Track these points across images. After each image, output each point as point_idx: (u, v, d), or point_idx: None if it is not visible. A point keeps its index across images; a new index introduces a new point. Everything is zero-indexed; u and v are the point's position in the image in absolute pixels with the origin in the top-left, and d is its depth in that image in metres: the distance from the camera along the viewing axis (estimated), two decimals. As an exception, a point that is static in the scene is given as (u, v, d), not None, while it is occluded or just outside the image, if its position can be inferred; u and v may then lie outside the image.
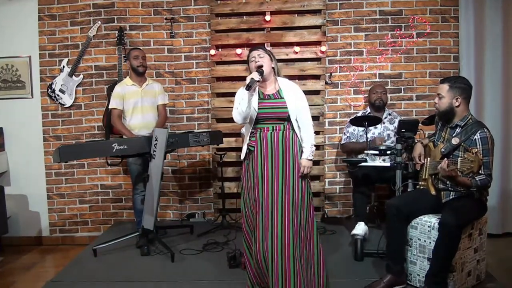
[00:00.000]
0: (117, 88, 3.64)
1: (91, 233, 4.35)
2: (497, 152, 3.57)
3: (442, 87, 2.69)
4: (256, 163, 2.61)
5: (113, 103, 3.61)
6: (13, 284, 3.37)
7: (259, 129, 2.63)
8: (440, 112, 2.72)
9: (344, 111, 4.20)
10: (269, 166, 2.57)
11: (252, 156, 2.63)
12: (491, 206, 3.53)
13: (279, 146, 2.59)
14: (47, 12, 4.20)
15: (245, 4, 4.11)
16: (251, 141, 2.63)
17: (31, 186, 4.33)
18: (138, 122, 3.63)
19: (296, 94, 2.67)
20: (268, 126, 2.62)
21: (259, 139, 2.61)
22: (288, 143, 2.61)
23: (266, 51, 2.70)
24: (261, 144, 2.60)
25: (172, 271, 3.11)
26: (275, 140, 2.60)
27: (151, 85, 3.73)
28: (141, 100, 3.64)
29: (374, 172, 3.46)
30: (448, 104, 2.66)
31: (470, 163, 2.37)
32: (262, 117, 2.61)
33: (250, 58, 2.69)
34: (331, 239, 3.66)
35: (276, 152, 2.59)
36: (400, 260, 2.76)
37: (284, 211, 2.50)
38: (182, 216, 4.35)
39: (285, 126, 2.63)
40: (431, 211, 2.76)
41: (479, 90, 3.93)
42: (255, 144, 2.62)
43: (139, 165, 3.64)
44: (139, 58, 3.62)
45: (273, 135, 2.60)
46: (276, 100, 2.63)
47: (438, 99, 2.71)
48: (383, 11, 4.09)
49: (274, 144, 2.59)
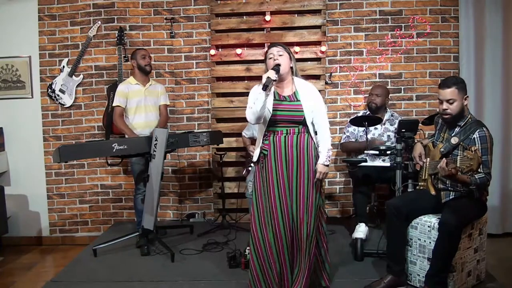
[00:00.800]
0: (121, 86, 3.65)
1: (91, 233, 4.35)
2: (497, 152, 3.58)
3: (450, 92, 2.59)
4: (270, 168, 2.53)
5: (116, 101, 3.62)
6: (13, 284, 3.37)
7: (273, 132, 2.54)
8: (453, 116, 2.62)
9: (344, 111, 4.20)
10: (284, 172, 2.51)
11: (266, 160, 2.55)
12: (491, 206, 3.52)
13: (293, 151, 2.51)
14: (47, 12, 4.20)
15: (245, 4, 4.11)
16: (265, 144, 2.55)
17: (31, 186, 4.33)
18: (141, 121, 3.64)
19: (313, 97, 2.58)
20: (282, 129, 2.52)
21: (273, 143, 2.53)
22: (302, 147, 2.53)
23: (286, 49, 2.58)
24: (275, 148, 2.52)
25: (172, 271, 3.11)
26: (289, 144, 2.51)
27: (154, 86, 3.75)
28: (145, 99, 3.65)
29: (374, 172, 3.46)
30: (460, 106, 2.60)
31: (469, 160, 2.36)
32: (276, 119, 2.52)
33: (268, 55, 2.57)
34: (331, 239, 3.64)
35: (291, 157, 2.51)
36: (400, 260, 2.76)
37: (299, 218, 2.50)
38: (182, 216, 4.35)
39: (299, 130, 2.54)
40: (431, 211, 2.76)
41: (479, 90, 3.93)
42: (268, 147, 2.53)
43: (142, 165, 3.63)
44: (147, 58, 3.66)
45: (287, 139, 2.52)
46: (292, 103, 2.54)
47: (448, 104, 2.60)
48: (383, 11, 4.09)
49: (288, 149, 2.51)
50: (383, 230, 3.14)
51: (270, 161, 2.53)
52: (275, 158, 2.53)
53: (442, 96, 2.62)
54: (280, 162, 2.52)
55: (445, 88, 2.60)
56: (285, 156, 2.52)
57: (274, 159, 2.53)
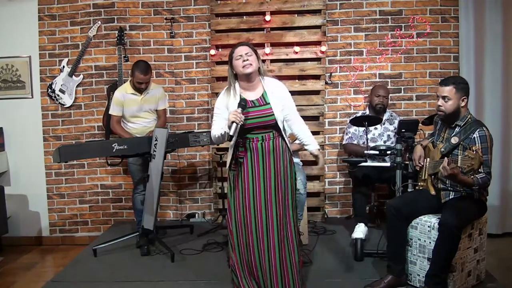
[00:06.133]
0: (117, 94, 3.58)
1: (91, 233, 4.35)
2: (497, 152, 3.59)
3: (447, 89, 2.61)
4: (247, 175, 2.48)
5: (112, 110, 3.60)
6: (13, 284, 3.37)
7: (248, 139, 2.48)
8: (446, 114, 2.65)
9: (344, 111, 4.20)
10: (260, 178, 2.47)
11: (242, 168, 2.49)
12: (491, 206, 3.52)
13: (270, 156, 2.48)
14: (47, 12, 4.20)
15: (245, 4, 4.11)
16: (240, 152, 2.48)
17: (31, 186, 4.33)
18: (138, 127, 3.64)
19: (281, 93, 2.55)
20: (257, 136, 2.48)
21: (249, 150, 2.48)
22: (278, 151, 2.50)
23: (253, 48, 2.51)
24: (251, 155, 2.48)
25: (172, 271, 3.11)
26: (267, 150, 2.48)
27: (152, 92, 3.65)
28: (141, 107, 3.61)
29: (374, 172, 3.45)
30: (456, 106, 2.62)
31: (470, 160, 2.35)
32: (250, 128, 2.47)
33: (235, 55, 2.48)
34: (331, 239, 3.66)
35: (268, 163, 2.48)
36: (400, 260, 2.76)
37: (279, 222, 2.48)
38: (182, 216, 4.35)
39: (274, 135, 2.51)
40: (431, 211, 2.76)
41: (479, 90, 3.93)
42: (244, 155, 2.48)
43: (139, 165, 3.64)
44: (143, 85, 3.52)
45: (264, 146, 2.48)
46: (261, 108, 2.48)
47: (443, 101, 2.63)
48: (383, 11, 4.09)
49: (266, 155, 2.48)
50: (383, 230, 3.14)
51: (246, 169, 2.49)
52: (252, 165, 2.48)
53: (439, 92, 2.66)
54: (258, 168, 2.48)
55: (443, 85, 2.65)
56: (262, 163, 2.48)
57: (251, 166, 2.48)
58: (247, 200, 2.50)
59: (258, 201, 2.48)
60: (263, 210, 2.48)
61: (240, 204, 2.52)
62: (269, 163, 2.49)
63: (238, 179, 2.52)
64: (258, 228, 2.48)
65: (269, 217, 2.47)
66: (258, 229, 2.48)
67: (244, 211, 2.51)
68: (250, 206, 2.49)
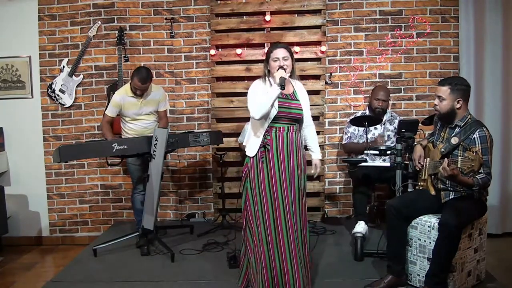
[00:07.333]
0: (117, 97, 3.53)
1: (91, 233, 4.35)
2: (497, 152, 3.59)
3: (442, 90, 2.64)
4: (273, 162, 2.60)
5: (108, 109, 3.57)
6: (13, 284, 3.37)
7: (275, 128, 2.62)
8: (441, 114, 2.69)
9: (344, 111, 4.20)
10: (286, 166, 2.60)
11: (267, 154, 2.61)
12: (491, 206, 3.53)
13: (293, 147, 2.63)
14: (47, 12, 4.20)
15: (245, 4, 4.11)
16: (267, 139, 2.61)
17: (31, 186, 4.33)
18: (138, 128, 3.62)
19: (306, 97, 2.77)
20: (284, 126, 2.63)
21: (275, 138, 2.61)
22: (299, 144, 2.68)
23: (290, 52, 2.65)
24: (277, 143, 2.61)
25: (172, 271, 3.11)
26: (291, 141, 2.63)
27: (152, 94, 3.60)
28: (141, 110, 3.58)
29: (374, 172, 3.46)
30: (450, 107, 2.64)
31: (470, 161, 2.36)
32: (280, 116, 2.61)
33: (272, 56, 2.62)
34: (331, 239, 3.66)
35: (291, 152, 2.62)
36: (400, 260, 2.76)
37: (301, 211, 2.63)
38: (182, 216, 4.35)
39: (296, 128, 2.68)
40: (431, 211, 2.76)
41: (479, 90, 3.93)
42: (270, 142, 2.61)
43: (138, 165, 3.64)
44: (139, 91, 3.48)
45: (288, 135, 2.63)
46: (292, 101, 2.68)
47: (438, 101, 2.67)
48: (383, 11, 4.09)
49: (290, 145, 2.62)
50: (383, 230, 3.14)
51: (272, 156, 2.60)
52: (277, 153, 2.61)
53: (436, 92, 2.73)
54: (282, 156, 2.61)
55: (440, 85, 2.69)
56: (286, 152, 2.62)
57: (277, 154, 2.61)
58: (274, 184, 2.58)
59: (285, 186, 2.59)
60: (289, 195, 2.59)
61: (265, 188, 2.59)
62: (293, 152, 2.64)
63: (262, 165, 2.62)
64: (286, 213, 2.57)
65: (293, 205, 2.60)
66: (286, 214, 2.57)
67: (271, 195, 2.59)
68: (277, 191, 2.58)
